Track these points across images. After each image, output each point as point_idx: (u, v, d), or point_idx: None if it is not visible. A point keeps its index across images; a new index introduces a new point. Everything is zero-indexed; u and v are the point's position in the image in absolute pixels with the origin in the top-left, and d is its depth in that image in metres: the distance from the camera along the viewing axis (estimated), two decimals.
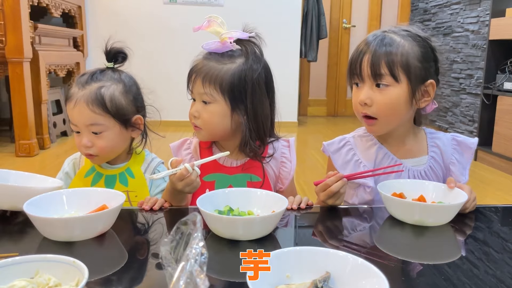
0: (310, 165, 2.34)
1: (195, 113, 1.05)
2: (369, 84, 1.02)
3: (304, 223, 0.93)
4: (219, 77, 1.01)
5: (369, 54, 1.01)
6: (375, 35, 1.04)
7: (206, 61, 1.04)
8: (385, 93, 1.01)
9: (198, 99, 1.05)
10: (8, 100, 3.51)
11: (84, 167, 1.14)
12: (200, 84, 1.03)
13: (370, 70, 1.01)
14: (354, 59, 1.04)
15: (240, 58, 1.03)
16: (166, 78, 4.43)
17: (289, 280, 0.61)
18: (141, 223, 0.91)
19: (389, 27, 1.07)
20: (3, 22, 3.03)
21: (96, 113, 1.04)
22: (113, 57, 1.11)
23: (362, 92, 1.03)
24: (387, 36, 1.02)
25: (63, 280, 0.58)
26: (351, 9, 5.50)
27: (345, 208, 1.04)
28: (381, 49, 1.00)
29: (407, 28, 1.05)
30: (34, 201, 0.82)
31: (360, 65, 1.02)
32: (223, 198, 0.89)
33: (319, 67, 5.51)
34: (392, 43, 1.01)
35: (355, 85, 1.06)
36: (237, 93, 1.02)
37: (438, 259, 0.76)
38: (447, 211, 0.88)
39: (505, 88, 3.26)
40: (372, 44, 1.02)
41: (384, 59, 1.00)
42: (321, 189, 0.95)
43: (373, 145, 1.11)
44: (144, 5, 4.41)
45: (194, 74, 1.04)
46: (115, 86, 1.07)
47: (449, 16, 4.42)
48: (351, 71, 1.05)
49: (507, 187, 2.83)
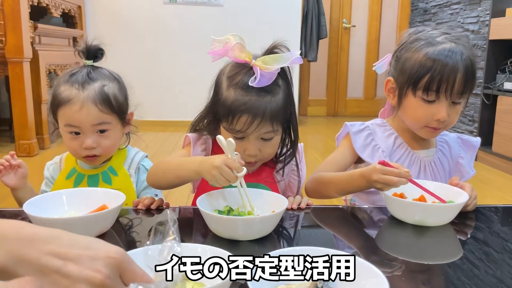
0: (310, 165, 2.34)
1: (257, 152, 0.97)
2: (446, 101, 1.03)
3: (304, 223, 0.93)
4: (280, 110, 0.95)
5: (461, 74, 1.00)
6: (452, 51, 1.01)
7: (258, 97, 0.92)
8: (458, 108, 1.06)
9: (257, 137, 0.96)
10: (8, 100, 3.51)
11: (65, 169, 1.12)
12: (268, 125, 0.94)
13: (461, 89, 1.01)
14: (435, 76, 1.00)
15: (279, 78, 0.96)
16: (166, 78, 4.43)
17: None
18: (141, 223, 0.91)
19: (445, 30, 1.07)
20: (3, 22, 3.03)
21: (104, 113, 1.03)
22: (94, 54, 1.08)
23: (443, 110, 1.02)
24: (464, 52, 1.02)
25: None
26: (351, 9, 5.50)
27: (345, 208, 1.04)
28: (469, 69, 1.01)
29: (462, 37, 1.07)
30: (34, 201, 0.82)
31: (448, 82, 1.00)
32: (223, 198, 0.89)
33: (319, 67, 5.51)
34: (472, 59, 1.03)
35: (424, 100, 1.04)
36: (287, 117, 1.00)
37: (438, 259, 0.76)
38: (448, 211, 0.88)
39: (505, 88, 3.26)
40: (461, 64, 1.00)
41: (472, 81, 1.02)
42: (383, 171, 0.89)
43: (390, 135, 1.15)
44: (144, 5, 4.41)
45: (259, 117, 0.92)
46: (112, 84, 1.07)
47: (449, 16, 4.42)
48: (426, 87, 1.02)
49: (507, 187, 2.83)
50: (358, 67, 5.62)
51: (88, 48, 1.07)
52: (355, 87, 5.67)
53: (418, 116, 1.06)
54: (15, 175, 1.04)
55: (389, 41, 5.55)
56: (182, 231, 0.86)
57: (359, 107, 5.68)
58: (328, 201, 2.10)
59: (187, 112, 1.05)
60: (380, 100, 5.64)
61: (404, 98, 1.07)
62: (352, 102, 5.69)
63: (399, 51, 1.10)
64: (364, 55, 5.59)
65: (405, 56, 1.07)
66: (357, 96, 5.69)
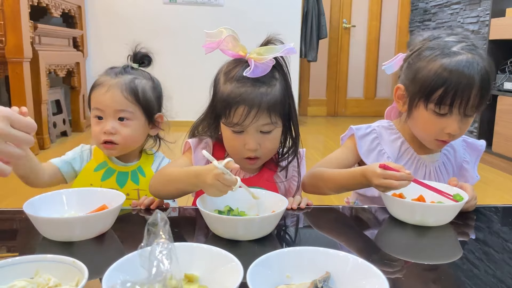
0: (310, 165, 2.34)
1: (257, 146, 0.95)
2: (459, 115, 0.99)
3: (304, 223, 0.93)
4: (277, 101, 0.94)
5: (477, 88, 0.95)
6: (469, 62, 0.95)
7: (254, 88, 0.92)
8: (469, 121, 1.02)
9: (256, 130, 0.95)
10: (8, 100, 3.51)
11: (94, 161, 1.13)
12: (266, 117, 0.93)
13: (476, 103, 0.97)
14: (450, 90, 0.96)
15: (275, 70, 0.97)
16: (166, 78, 4.42)
17: (289, 280, 0.61)
18: (141, 223, 0.91)
19: (459, 38, 1.01)
20: (3, 22, 3.03)
21: (128, 100, 1.06)
22: (139, 59, 1.15)
23: (454, 124, 0.99)
24: (480, 63, 0.96)
25: (63, 280, 0.58)
26: (351, 9, 5.50)
27: (346, 208, 1.04)
28: (486, 82, 0.96)
29: (476, 46, 1.01)
30: (34, 201, 0.81)
31: (463, 97, 0.96)
32: (223, 198, 0.89)
33: (319, 67, 5.51)
34: (489, 70, 0.98)
35: (436, 113, 1.00)
36: (286, 110, 0.99)
37: (438, 259, 0.76)
38: (448, 211, 0.88)
39: (505, 88, 3.26)
40: (477, 77, 0.95)
41: (487, 94, 0.98)
42: (384, 176, 0.89)
43: (397, 139, 1.12)
44: (144, 5, 4.41)
45: (255, 108, 0.92)
46: (145, 81, 1.12)
47: (449, 16, 4.42)
48: (439, 101, 0.97)
49: (507, 187, 2.83)
50: (358, 67, 5.61)
51: (135, 53, 1.14)
52: (355, 87, 5.67)
53: (429, 129, 1.03)
54: None
55: (389, 41, 5.55)
56: (182, 231, 0.86)
57: (359, 107, 5.68)
58: (328, 201, 2.10)
59: (187, 112, 1.05)
60: (380, 100, 5.64)
61: (414, 109, 1.03)
62: (352, 102, 5.69)
63: (411, 57, 1.04)
64: (364, 55, 5.59)
65: (418, 65, 1.01)
66: (357, 96, 5.69)
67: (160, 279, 0.50)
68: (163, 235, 0.52)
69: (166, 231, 0.53)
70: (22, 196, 0.98)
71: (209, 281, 0.60)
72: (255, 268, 0.58)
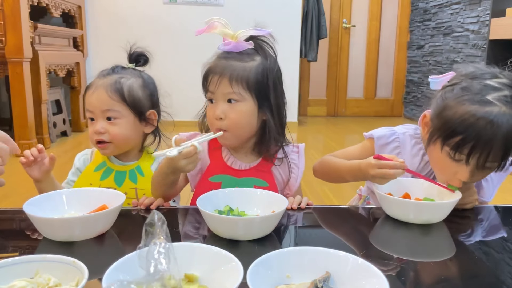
0: (310, 165, 2.34)
1: (221, 114, 1.01)
2: (475, 166, 0.90)
3: (304, 223, 0.93)
4: (245, 75, 1.00)
5: (500, 144, 0.86)
6: (498, 117, 0.84)
7: (226, 60, 1.02)
8: (487, 173, 0.95)
9: (223, 99, 1.01)
10: (8, 100, 3.51)
11: (95, 161, 1.15)
12: (227, 84, 1.00)
13: (497, 158, 0.88)
14: (469, 141, 0.87)
15: (257, 55, 1.03)
16: (166, 78, 4.42)
17: (289, 280, 0.61)
18: (141, 223, 0.91)
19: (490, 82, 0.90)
20: (3, 22, 3.03)
21: (113, 100, 1.07)
22: (135, 59, 1.16)
23: (467, 173, 0.91)
24: (511, 117, 0.85)
25: (63, 280, 0.58)
26: (351, 9, 5.49)
27: (345, 208, 1.04)
28: (510, 139, 0.86)
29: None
30: (34, 201, 0.82)
31: (482, 151, 0.87)
32: (223, 198, 0.89)
33: (319, 67, 5.51)
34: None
35: (451, 158, 0.91)
36: (262, 90, 1.02)
37: (438, 258, 0.76)
38: (439, 208, 0.89)
39: None
40: (502, 134, 0.85)
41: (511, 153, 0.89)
42: (379, 166, 0.91)
43: (419, 150, 1.09)
44: (144, 5, 4.40)
45: (217, 75, 1.01)
46: (134, 79, 1.12)
47: (449, 16, 4.42)
48: (456, 147, 0.89)
49: (507, 187, 2.82)
50: (358, 67, 5.61)
51: (131, 53, 1.15)
52: (355, 87, 5.67)
53: (441, 169, 0.97)
54: (39, 169, 1.04)
55: (389, 41, 5.55)
56: (182, 231, 0.87)
57: (359, 107, 5.68)
58: (328, 201, 2.10)
59: (187, 112, 1.05)
60: (380, 101, 5.64)
61: (432, 144, 0.96)
62: (352, 102, 5.69)
63: (446, 90, 0.96)
64: (364, 55, 5.58)
65: (448, 102, 0.92)
66: (357, 96, 5.69)
67: (158, 278, 0.50)
68: (160, 235, 0.52)
69: (164, 231, 0.53)
70: (22, 196, 0.99)
71: (209, 281, 0.60)
72: (255, 268, 0.58)
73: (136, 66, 1.16)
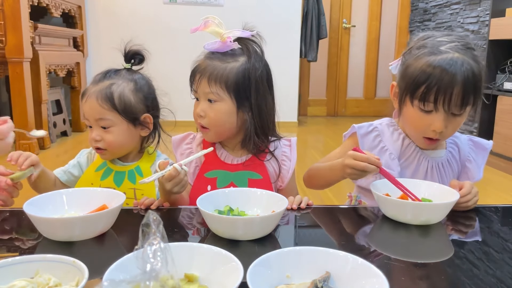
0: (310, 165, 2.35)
1: (201, 112, 1.06)
2: (444, 112, 1.00)
3: (304, 223, 0.93)
4: (224, 75, 1.03)
5: (460, 86, 0.97)
6: (453, 60, 0.97)
7: (209, 60, 1.05)
8: (458, 121, 1.03)
9: (204, 98, 1.06)
10: (8, 100, 3.51)
11: (97, 161, 1.16)
12: (206, 84, 1.04)
13: (460, 102, 0.98)
14: (432, 86, 0.98)
15: (242, 56, 1.05)
16: (166, 78, 4.42)
17: (289, 280, 0.61)
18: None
19: (450, 38, 1.02)
20: (3, 22, 3.03)
21: (104, 109, 1.07)
22: (130, 58, 1.15)
23: (439, 121, 1.00)
24: (465, 63, 0.97)
25: (63, 280, 0.58)
26: (351, 9, 5.49)
27: (345, 208, 1.04)
28: (470, 81, 0.97)
29: (465, 42, 1.01)
30: (34, 201, 0.82)
31: (445, 94, 0.98)
32: (223, 198, 0.89)
33: (319, 67, 5.51)
34: (476, 71, 0.98)
35: (422, 110, 1.02)
36: (242, 90, 1.04)
37: (438, 259, 0.76)
38: (437, 209, 0.89)
39: (505, 88, 3.26)
40: (460, 75, 0.96)
41: (473, 94, 0.99)
42: (354, 157, 0.93)
43: (399, 135, 1.14)
44: (144, 5, 4.41)
45: (199, 74, 1.05)
46: (125, 84, 1.11)
47: (449, 16, 4.42)
48: (423, 97, 0.99)
49: (507, 187, 2.83)
50: (358, 67, 5.61)
51: (126, 52, 1.14)
52: (355, 87, 5.67)
53: (415, 126, 1.06)
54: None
55: (389, 41, 5.55)
56: (182, 231, 0.87)
57: (359, 107, 5.68)
58: (328, 201, 2.10)
59: (187, 112, 1.05)
60: (379, 100, 5.64)
61: (403, 105, 1.06)
62: (352, 102, 5.69)
63: (405, 55, 1.08)
64: (364, 55, 5.59)
65: (408, 62, 1.04)
66: (357, 96, 5.69)
67: (153, 277, 0.50)
68: (156, 236, 0.52)
69: (160, 231, 0.53)
70: (22, 196, 0.98)
71: (209, 281, 0.60)
72: (255, 268, 0.58)
73: (132, 65, 1.15)
